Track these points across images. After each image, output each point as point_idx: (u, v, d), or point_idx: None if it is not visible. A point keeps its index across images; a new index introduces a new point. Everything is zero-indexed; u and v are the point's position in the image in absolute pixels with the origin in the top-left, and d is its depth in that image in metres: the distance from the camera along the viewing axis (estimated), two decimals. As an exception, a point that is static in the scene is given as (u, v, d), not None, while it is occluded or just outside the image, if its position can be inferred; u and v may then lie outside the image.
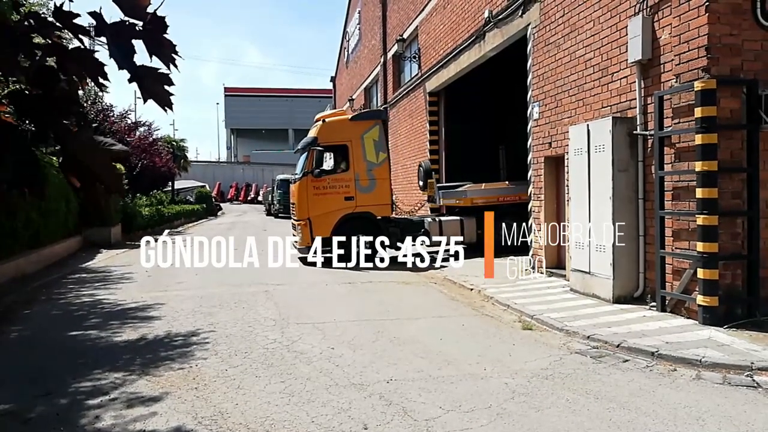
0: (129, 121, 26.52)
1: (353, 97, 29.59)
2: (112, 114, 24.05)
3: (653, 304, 7.37)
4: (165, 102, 2.20)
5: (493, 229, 13.43)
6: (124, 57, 2.01)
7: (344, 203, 13.27)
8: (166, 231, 19.78)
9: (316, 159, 13.15)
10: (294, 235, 14.02)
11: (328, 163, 13.30)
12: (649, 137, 7.55)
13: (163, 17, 2.05)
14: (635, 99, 7.73)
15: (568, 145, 9.07)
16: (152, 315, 7.94)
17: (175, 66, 2.13)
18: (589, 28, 8.78)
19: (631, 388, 4.76)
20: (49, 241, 13.52)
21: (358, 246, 12.92)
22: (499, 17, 11.99)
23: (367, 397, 4.59)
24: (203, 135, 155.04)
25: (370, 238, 12.91)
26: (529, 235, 13.60)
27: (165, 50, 2.07)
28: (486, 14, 12.47)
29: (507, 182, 14.55)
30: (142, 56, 2.07)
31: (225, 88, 70.61)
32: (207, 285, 10.50)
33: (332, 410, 4.32)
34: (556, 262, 10.38)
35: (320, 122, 13.73)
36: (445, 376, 5.09)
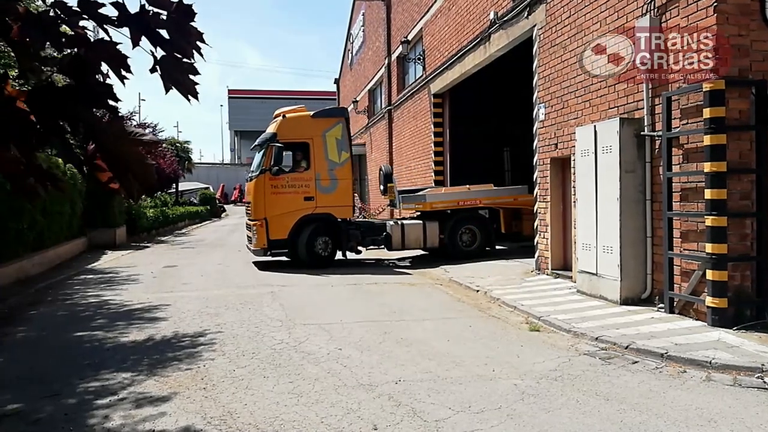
0: (134, 123, 26.58)
1: (357, 99, 29.60)
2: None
3: (661, 305, 7.33)
4: (190, 91, 2.17)
5: (452, 234, 13.58)
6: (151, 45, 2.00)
7: (303, 204, 12.74)
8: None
9: (275, 156, 12.58)
10: (248, 236, 13.60)
11: (288, 161, 12.86)
12: (656, 138, 7.52)
13: (190, 5, 2.03)
14: (642, 100, 7.70)
15: (574, 147, 9.04)
16: (159, 316, 7.94)
17: (201, 55, 2.12)
18: (595, 29, 8.76)
19: (641, 390, 4.73)
20: (53, 243, 13.54)
21: (322, 248, 12.78)
22: (505, 18, 11.98)
23: (376, 397, 4.57)
24: (207, 137, 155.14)
25: (329, 240, 12.85)
26: (486, 242, 13.61)
27: (191, 39, 2.05)
28: (491, 16, 12.46)
29: (468, 187, 14.36)
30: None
31: (229, 90, 70.83)
32: (212, 286, 10.50)
33: (341, 411, 4.30)
34: (562, 263, 10.34)
35: (280, 117, 13.20)
36: (454, 378, 5.07)
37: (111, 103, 2.05)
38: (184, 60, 2.08)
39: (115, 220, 18.63)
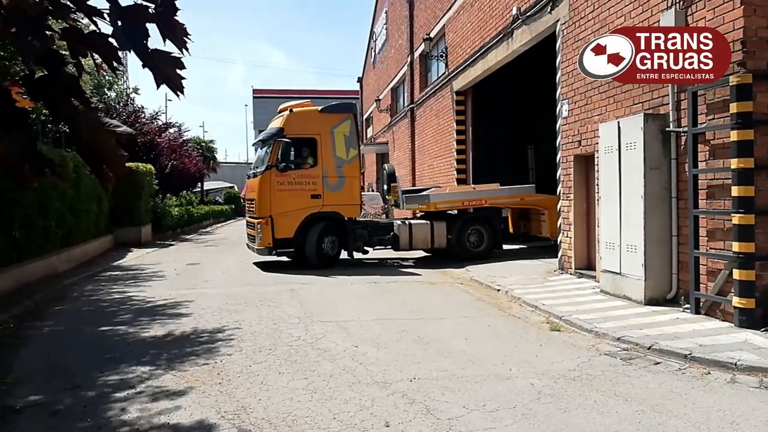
0: (160, 122, 27.01)
1: (380, 97, 29.59)
2: (143, 115, 24.52)
3: (687, 306, 7.14)
4: (177, 86, 2.20)
5: (459, 234, 13.30)
6: (137, 41, 2.02)
7: (310, 201, 12.29)
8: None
9: (282, 152, 12.16)
10: (250, 235, 13.09)
11: (294, 157, 12.34)
12: (682, 134, 7.33)
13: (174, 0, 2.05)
14: (668, 95, 7.52)
15: (598, 144, 8.88)
16: (180, 312, 8.04)
17: (187, 49, 2.13)
18: (619, 24, 8.57)
19: (662, 391, 4.61)
20: (80, 240, 13.83)
21: (329, 248, 12.44)
22: (528, 14, 11.82)
23: (389, 395, 4.54)
24: (232, 137, 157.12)
25: (335, 239, 12.50)
26: (493, 243, 13.34)
27: (177, 33, 2.07)
28: (514, 11, 12.32)
29: (473, 186, 14.10)
30: (154, 41, 2.09)
31: (253, 90, 71.39)
32: (233, 284, 10.60)
33: (354, 407, 4.28)
34: (586, 262, 10.17)
35: (287, 112, 12.73)
36: (469, 376, 5.01)
37: (82, 95, 2.08)
38: (173, 54, 2.11)
39: (140, 218, 18.95)
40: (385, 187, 15.54)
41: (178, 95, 2.21)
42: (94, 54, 2.11)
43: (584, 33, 9.65)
